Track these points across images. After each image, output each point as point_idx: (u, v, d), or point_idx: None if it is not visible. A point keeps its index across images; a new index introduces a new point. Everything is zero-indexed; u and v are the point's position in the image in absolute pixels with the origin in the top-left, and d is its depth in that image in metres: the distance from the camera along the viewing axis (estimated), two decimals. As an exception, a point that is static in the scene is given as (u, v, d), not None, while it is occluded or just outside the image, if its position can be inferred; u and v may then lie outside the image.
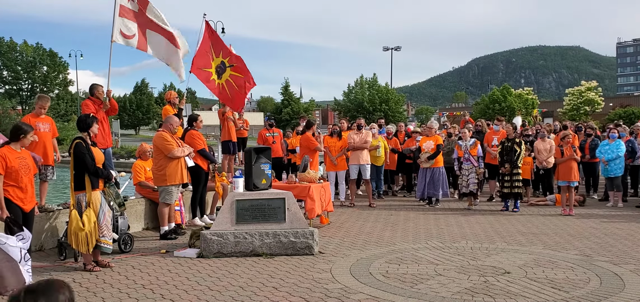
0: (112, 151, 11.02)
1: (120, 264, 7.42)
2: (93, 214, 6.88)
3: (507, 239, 9.11)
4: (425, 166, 12.92)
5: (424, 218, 11.27)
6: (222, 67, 11.49)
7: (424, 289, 6.19)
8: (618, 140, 13.22)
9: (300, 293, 6.06)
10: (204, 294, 6.05)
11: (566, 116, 57.42)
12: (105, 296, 6.03)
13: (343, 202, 13.23)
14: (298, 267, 7.17)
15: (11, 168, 6.05)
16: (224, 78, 11.50)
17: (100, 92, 9.85)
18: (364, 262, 7.47)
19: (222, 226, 7.95)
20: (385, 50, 60.81)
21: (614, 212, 12.21)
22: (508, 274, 6.82)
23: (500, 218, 11.26)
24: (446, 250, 8.24)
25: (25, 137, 6.32)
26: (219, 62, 11.44)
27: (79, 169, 6.89)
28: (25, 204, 6.19)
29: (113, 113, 10.30)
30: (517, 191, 12.11)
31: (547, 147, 13.64)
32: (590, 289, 6.21)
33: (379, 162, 14.05)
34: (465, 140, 12.79)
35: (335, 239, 9.09)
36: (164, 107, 11.83)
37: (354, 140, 12.98)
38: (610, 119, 46.71)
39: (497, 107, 62.25)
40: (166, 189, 9.07)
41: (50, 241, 8.34)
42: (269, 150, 8.84)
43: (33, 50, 68.79)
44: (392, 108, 60.63)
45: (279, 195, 8.23)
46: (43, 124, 8.75)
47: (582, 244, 8.65)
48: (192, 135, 10.15)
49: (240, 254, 7.79)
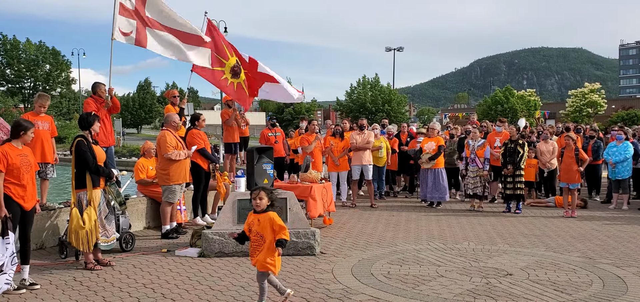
0: (114, 149, 11.01)
1: (122, 263, 7.40)
2: (94, 213, 6.87)
3: (509, 240, 9.08)
4: (426, 167, 12.89)
5: (426, 219, 11.24)
6: (238, 68, 11.49)
7: (426, 290, 6.17)
8: (626, 142, 13.18)
9: (301, 293, 6.04)
10: (205, 294, 6.03)
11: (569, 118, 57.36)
12: (106, 295, 6.02)
13: (344, 203, 13.20)
14: (299, 268, 7.15)
15: (12, 165, 6.03)
16: (241, 79, 11.52)
17: (102, 90, 9.84)
18: (366, 263, 7.44)
19: (224, 226, 7.94)
20: (388, 50, 60.79)
21: (617, 214, 12.17)
22: (510, 275, 6.79)
23: (502, 220, 11.23)
24: (448, 251, 8.21)
25: (26, 134, 6.31)
26: (234, 62, 11.44)
27: (80, 167, 6.88)
28: (26, 202, 6.18)
29: (115, 111, 10.28)
30: (519, 192, 12.07)
31: (550, 149, 13.62)
32: (592, 291, 6.18)
33: (381, 163, 14.03)
34: (474, 141, 12.73)
35: (336, 239, 9.06)
36: (165, 107, 11.84)
37: (356, 140, 12.96)
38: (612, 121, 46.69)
39: (499, 109, 62.27)
40: (170, 188, 9.07)
41: (51, 239, 8.32)
42: (271, 150, 8.82)
43: (36, 48, 68.94)
44: (394, 109, 60.68)
45: (280, 195, 8.20)
46: (42, 123, 8.75)
47: (585, 246, 8.62)
48: (194, 134, 10.14)
49: (242, 254, 7.77)
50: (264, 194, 5.41)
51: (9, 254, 5.91)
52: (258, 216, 5.39)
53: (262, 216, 5.37)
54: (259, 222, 5.37)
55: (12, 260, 5.93)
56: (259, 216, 5.38)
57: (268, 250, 5.31)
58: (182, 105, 11.77)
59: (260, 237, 5.34)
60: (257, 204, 5.40)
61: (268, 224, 5.33)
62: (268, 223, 5.34)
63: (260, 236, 5.34)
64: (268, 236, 5.32)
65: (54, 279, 6.59)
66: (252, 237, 5.41)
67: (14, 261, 5.98)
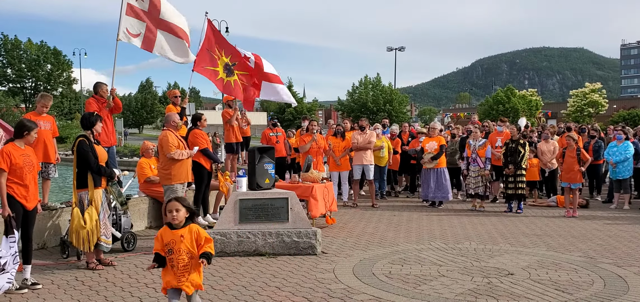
0: (115, 149, 11.03)
1: (123, 262, 7.42)
2: (95, 213, 6.89)
3: (510, 240, 9.09)
4: (428, 167, 12.89)
5: (427, 219, 11.25)
6: (229, 67, 11.54)
7: (427, 290, 6.18)
8: (626, 141, 13.17)
9: (303, 293, 6.05)
10: (206, 293, 6.04)
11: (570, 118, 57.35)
12: (107, 295, 6.03)
13: (346, 203, 13.21)
14: (301, 267, 7.16)
15: (15, 165, 6.06)
16: (233, 78, 11.57)
17: (104, 90, 9.86)
18: (367, 262, 7.45)
19: (225, 225, 7.95)
20: (389, 50, 60.83)
21: (618, 214, 12.16)
22: (511, 275, 6.80)
23: (503, 219, 11.24)
24: (449, 251, 8.22)
25: (29, 134, 6.33)
26: (226, 61, 11.49)
27: (82, 167, 6.89)
28: (28, 202, 6.20)
29: (117, 111, 10.30)
30: (520, 192, 12.08)
31: (551, 149, 13.61)
32: (593, 291, 6.19)
33: (382, 163, 14.03)
34: (476, 140, 12.73)
35: (338, 239, 9.07)
36: (167, 107, 11.86)
37: (358, 140, 12.96)
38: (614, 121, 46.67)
39: (500, 109, 62.19)
40: (171, 188, 9.07)
41: (53, 239, 8.34)
42: (273, 150, 8.83)
43: (37, 48, 69.05)
44: (395, 109, 60.70)
45: (282, 195, 8.23)
46: (44, 123, 8.77)
47: (586, 246, 8.62)
48: (196, 134, 10.14)
49: (243, 254, 7.79)
50: (181, 205, 4.72)
51: (12, 253, 5.93)
52: (180, 232, 4.68)
53: (185, 231, 4.69)
54: (182, 238, 4.65)
55: (14, 259, 5.95)
56: (181, 231, 4.68)
57: (195, 266, 4.70)
58: (184, 105, 11.78)
59: (188, 256, 4.65)
60: (173, 218, 4.67)
61: (194, 239, 4.69)
62: (194, 238, 4.69)
63: (188, 254, 4.65)
64: (195, 252, 4.68)
65: (55, 279, 6.61)
66: (175, 257, 4.64)
67: (16, 260, 6.00)
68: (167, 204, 4.76)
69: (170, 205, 4.72)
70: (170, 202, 4.76)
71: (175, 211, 4.68)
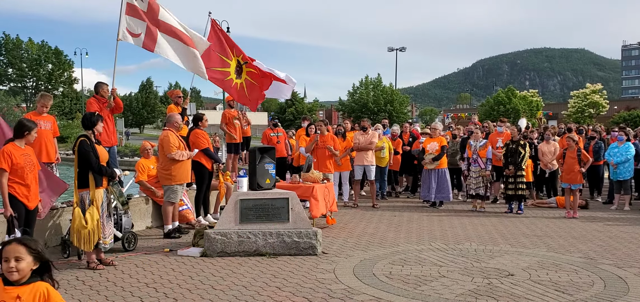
0: (116, 149, 11.04)
1: (124, 262, 7.43)
2: (96, 212, 6.89)
3: (510, 241, 9.09)
4: (429, 168, 12.89)
5: (428, 219, 11.25)
6: (239, 67, 11.53)
7: (428, 290, 6.18)
8: (627, 142, 13.17)
9: (303, 293, 6.06)
10: (207, 293, 6.05)
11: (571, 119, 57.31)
12: (108, 294, 6.04)
13: (346, 203, 13.21)
14: (301, 267, 7.17)
15: (16, 165, 6.07)
16: (243, 78, 11.56)
17: (104, 90, 9.87)
18: (367, 263, 7.46)
19: (226, 225, 7.96)
20: (390, 51, 60.80)
21: (618, 215, 12.16)
22: (512, 276, 6.80)
23: (504, 220, 11.24)
24: (450, 252, 8.22)
25: (30, 133, 6.35)
26: (237, 62, 11.47)
27: (83, 167, 6.90)
28: (30, 201, 6.22)
29: (118, 111, 10.31)
30: (521, 192, 12.08)
31: (552, 150, 13.61)
32: (594, 292, 6.19)
33: (383, 163, 14.03)
34: (477, 141, 12.73)
35: (338, 239, 9.08)
36: (168, 107, 11.87)
37: (360, 141, 12.97)
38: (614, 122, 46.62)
39: (501, 109, 62.18)
40: (171, 188, 9.09)
41: (54, 238, 8.35)
42: (273, 150, 8.84)
43: (38, 48, 69.16)
44: (396, 109, 60.69)
45: (282, 195, 8.23)
46: (44, 122, 8.78)
47: (586, 247, 8.62)
48: (197, 134, 10.16)
49: (244, 254, 7.79)
50: (25, 251, 3.03)
51: None
52: (17, 290, 3.00)
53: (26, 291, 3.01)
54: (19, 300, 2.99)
55: None
56: (20, 290, 3.00)
57: None
58: (185, 105, 11.80)
59: None
60: (10, 270, 2.98)
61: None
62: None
63: None
64: None
65: (56, 279, 6.60)
66: None
67: None
68: (3, 249, 3.05)
69: (6, 250, 3.02)
70: (7, 246, 3.05)
71: (15, 261, 2.98)
